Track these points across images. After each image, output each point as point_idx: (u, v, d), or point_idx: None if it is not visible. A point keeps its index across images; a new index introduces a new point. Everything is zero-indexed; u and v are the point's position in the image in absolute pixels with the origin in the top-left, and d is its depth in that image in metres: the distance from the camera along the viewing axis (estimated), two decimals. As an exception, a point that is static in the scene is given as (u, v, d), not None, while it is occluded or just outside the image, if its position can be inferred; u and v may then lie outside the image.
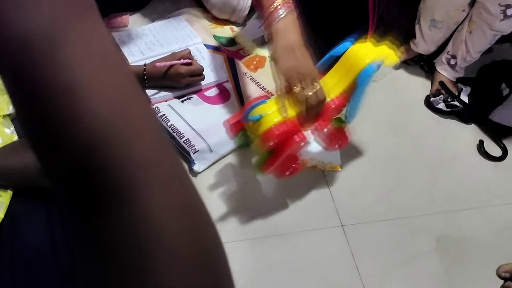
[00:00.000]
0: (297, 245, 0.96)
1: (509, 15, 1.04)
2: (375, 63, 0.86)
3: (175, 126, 1.08)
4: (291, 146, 0.85)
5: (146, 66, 1.09)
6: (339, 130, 0.95)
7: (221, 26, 1.38)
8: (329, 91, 0.88)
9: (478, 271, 0.93)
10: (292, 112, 0.86)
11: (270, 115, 0.85)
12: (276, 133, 0.83)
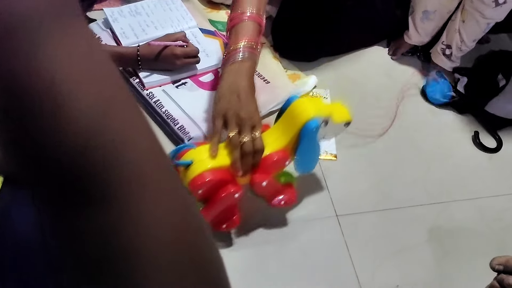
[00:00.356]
0: (291, 235, 0.96)
1: (501, 3, 1.04)
2: (320, 118, 0.81)
3: (170, 112, 1.06)
4: (224, 197, 0.79)
5: (140, 47, 1.06)
6: (285, 186, 0.91)
7: (216, 11, 1.36)
8: (272, 143, 0.83)
9: (470, 262, 0.94)
10: (227, 160, 0.80)
11: (203, 161, 0.78)
12: (206, 180, 0.77)
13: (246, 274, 0.90)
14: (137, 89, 1.11)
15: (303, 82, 1.20)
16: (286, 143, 0.83)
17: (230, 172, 0.81)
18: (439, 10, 1.17)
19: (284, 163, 0.85)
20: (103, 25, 1.21)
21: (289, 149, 0.85)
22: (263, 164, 0.83)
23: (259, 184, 0.84)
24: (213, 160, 0.79)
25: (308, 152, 0.87)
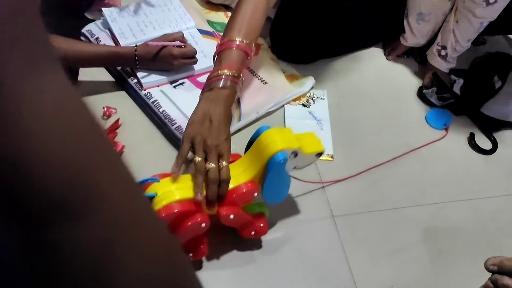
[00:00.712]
0: (287, 236, 0.96)
1: (492, 2, 1.05)
2: (288, 150, 0.80)
3: (167, 112, 1.07)
4: (190, 227, 0.78)
5: (138, 47, 1.07)
6: (256, 216, 0.89)
7: (215, 11, 1.36)
8: (240, 175, 0.82)
9: (465, 262, 0.95)
10: (190, 193, 0.79)
11: (167, 193, 0.78)
12: (170, 212, 0.76)
13: (242, 273, 0.91)
14: (135, 89, 1.11)
15: (300, 83, 1.21)
16: (254, 175, 0.82)
17: (196, 204, 0.79)
18: (434, 12, 1.18)
19: (252, 195, 0.83)
20: (102, 25, 1.21)
21: (257, 181, 0.83)
22: (230, 196, 0.81)
23: (227, 217, 0.82)
24: (178, 193, 0.78)
25: (276, 184, 0.85)
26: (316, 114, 1.17)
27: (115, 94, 1.14)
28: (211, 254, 0.91)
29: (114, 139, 1.05)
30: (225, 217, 0.82)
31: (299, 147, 0.83)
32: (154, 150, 1.06)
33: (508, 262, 0.66)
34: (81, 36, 1.20)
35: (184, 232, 0.79)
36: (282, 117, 1.16)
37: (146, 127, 1.10)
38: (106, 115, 1.09)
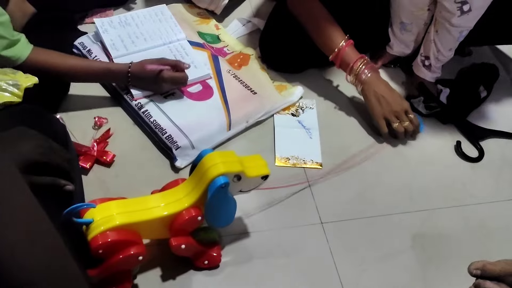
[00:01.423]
0: (276, 242, 0.97)
1: (466, 10, 1.06)
2: (230, 174, 0.80)
3: (158, 122, 1.08)
4: (125, 259, 0.76)
5: (132, 66, 1.08)
6: (208, 245, 0.88)
7: (206, 23, 1.38)
8: (182, 200, 0.81)
9: (453, 268, 0.95)
10: (132, 218, 0.77)
11: (106, 218, 0.75)
12: (107, 240, 0.73)
13: (229, 277, 0.91)
14: (126, 99, 1.13)
15: (289, 92, 1.22)
16: (196, 199, 0.80)
17: (134, 232, 0.77)
18: (414, 21, 1.20)
19: (197, 220, 0.81)
20: (94, 38, 1.23)
21: (200, 205, 0.81)
22: (176, 224, 0.80)
23: (178, 246, 0.82)
24: (116, 219, 0.75)
25: (220, 208, 0.84)
26: (305, 123, 1.18)
27: (106, 104, 1.16)
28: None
29: (105, 148, 1.05)
30: (176, 247, 0.81)
31: (242, 171, 0.81)
32: (145, 159, 1.07)
33: (491, 266, 0.67)
34: (73, 48, 1.22)
35: (120, 262, 0.76)
36: (272, 126, 1.17)
37: (137, 137, 1.11)
38: (97, 125, 1.10)
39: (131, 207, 0.79)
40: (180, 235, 0.82)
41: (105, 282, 0.79)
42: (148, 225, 0.79)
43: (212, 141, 1.09)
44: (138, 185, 1.01)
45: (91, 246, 0.74)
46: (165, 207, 0.80)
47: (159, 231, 0.82)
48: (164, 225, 0.81)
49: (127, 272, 0.82)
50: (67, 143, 0.85)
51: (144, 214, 0.79)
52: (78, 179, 0.87)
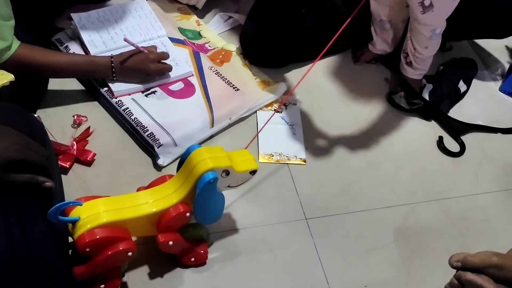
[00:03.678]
0: (261, 239, 0.97)
1: (427, 5, 1.05)
2: (218, 169, 0.79)
3: (139, 120, 1.06)
4: (114, 255, 0.75)
5: (114, 58, 1.06)
6: (195, 242, 0.88)
7: (186, 19, 1.37)
8: (171, 196, 0.80)
9: (435, 261, 0.97)
10: (119, 215, 0.76)
11: (93, 216, 0.74)
12: (94, 238, 0.72)
13: (216, 274, 0.90)
14: (106, 97, 1.10)
15: (272, 89, 1.22)
16: (185, 195, 0.79)
17: (122, 229, 0.76)
18: (393, 19, 1.21)
19: (185, 216, 0.81)
20: (71, 34, 1.20)
21: (188, 201, 0.81)
22: (164, 220, 0.79)
23: (166, 243, 0.81)
24: (105, 215, 0.74)
25: (208, 204, 0.83)
26: (288, 119, 1.18)
27: (86, 102, 1.13)
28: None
29: (85, 147, 1.03)
30: (164, 244, 0.81)
31: (230, 166, 0.81)
32: (127, 158, 1.05)
33: (471, 258, 0.67)
34: (50, 45, 1.19)
35: (108, 259, 0.75)
36: (255, 122, 1.17)
37: (118, 135, 1.09)
38: (76, 123, 1.08)
39: (118, 204, 0.78)
40: (167, 231, 0.81)
41: (94, 279, 0.79)
42: (136, 222, 0.78)
43: (195, 139, 1.08)
44: (120, 184, 1.00)
45: (78, 244, 0.73)
46: (153, 204, 0.79)
47: (147, 228, 0.81)
48: (151, 222, 0.80)
49: (115, 269, 0.81)
50: (45, 142, 0.83)
51: (132, 211, 0.78)
52: (58, 178, 0.85)
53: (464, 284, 0.67)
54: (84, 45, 1.16)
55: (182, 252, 0.88)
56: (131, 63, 1.07)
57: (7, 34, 0.91)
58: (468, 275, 0.66)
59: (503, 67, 1.45)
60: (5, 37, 0.90)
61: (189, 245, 0.86)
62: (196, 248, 0.88)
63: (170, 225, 0.81)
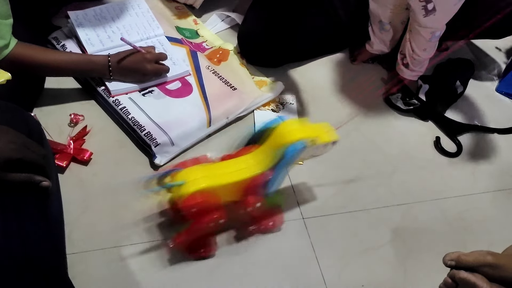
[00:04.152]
0: (258, 238, 0.96)
1: (430, 9, 1.06)
2: (305, 140, 0.85)
3: (136, 119, 1.06)
4: (209, 221, 0.84)
5: (111, 57, 1.06)
6: (272, 208, 0.95)
7: (184, 18, 1.36)
8: (259, 164, 0.87)
9: (432, 261, 0.96)
10: (219, 180, 0.85)
11: (195, 180, 0.83)
12: (197, 201, 0.81)
13: (214, 273, 0.90)
14: (103, 96, 1.10)
15: (269, 88, 1.22)
16: (271, 163, 0.86)
17: (217, 197, 0.84)
18: (393, 21, 1.21)
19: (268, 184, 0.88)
20: (68, 32, 1.20)
21: (274, 169, 0.87)
22: (252, 186, 0.86)
23: (253, 206, 0.88)
24: (205, 181, 0.83)
25: (282, 172, 0.88)
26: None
27: (83, 101, 1.13)
28: (182, 256, 0.91)
29: (81, 146, 1.03)
30: (251, 207, 0.88)
31: (317, 136, 0.87)
32: (123, 157, 1.05)
33: (465, 257, 0.68)
34: (47, 43, 1.18)
35: (203, 224, 0.84)
36: (252, 122, 1.16)
37: (115, 134, 1.09)
38: (73, 122, 1.07)
39: (215, 171, 0.87)
40: (253, 196, 0.88)
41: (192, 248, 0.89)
42: (228, 188, 0.86)
43: (192, 138, 1.08)
44: (117, 184, 1.00)
45: (184, 205, 0.81)
46: (243, 171, 0.87)
47: (235, 193, 0.88)
48: (239, 187, 0.87)
49: (209, 236, 0.91)
50: (42, 141, 0.82)
51: (227, 177, 0.86)
52: (55, 177, 0.85)
53: (458, 282, 0.67)
54: (81, 44, 1.16)
55: (262, 216, 0.94)
56: (128, 62, 1.07)
57: (5, 32, 0.90)
58: (462, 273, 0.66)
59: (500, 68, 1.46)
60: (3, 35, 0.90)
61: (269, 210, 0.94)
62: (274, 213, 0.96)
63: (257, 190, 0.88)
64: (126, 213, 0.96)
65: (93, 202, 0.96)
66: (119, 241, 0.92)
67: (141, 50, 1.08)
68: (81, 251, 0.89)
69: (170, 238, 0.88)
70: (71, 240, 0.89)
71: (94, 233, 0.92)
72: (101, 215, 0.95)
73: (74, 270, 0.84)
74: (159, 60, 1.11)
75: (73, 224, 0.92)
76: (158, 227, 0.94)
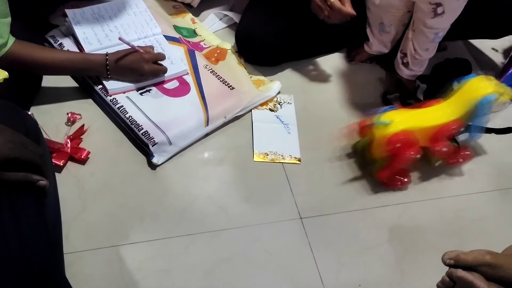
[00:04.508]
0: (256, 238, 0.97)
1: (439, 13, 1.08)
2: (495, 94, 1.02)
3: (133, 118, 1.06)
4: (409, 156, 1.00)
5: (109, 56, 1.06)
6: (459, 148, 1.12)
7: (182, 17, 1.36)
8: (449, 114, 1.04)
9: (429, 260, 0.97)
10: (419, 123, 1.02)
11: (398, 122, 1.00)
12: (399, 138, 0.99)
13: (212, 272, 0.90)
14: (101, 95, 1.10)
15: (267, 87, 1.22)
16: (463, 113, 1.03)
17: (415, 137, 1.01)
18: (394, 23, 1.21)
19: (458, 131, 1.06)
20: (65, 31, 1.19)
21: (463, 119, 1.04)
22: (442, 131, 1.03)
23: (440, 149, 1.05)
24: (409, 122, 1.01)
25: (480, 122, 1.06)
26: (283, 119, 1.18)
27: (80, 100, 1.13)
28: (186, 255, 0.91)
29: (79, 145, 1.03)
30: (439, 150, 1.05)
31: (503, 92, 1.03)
32: (121, 156, 1.05)
33: (464, 256, 0.68)
34: (44, 42, 1.18)
35: (403, 158, 1.01)
36: (250, 121, 1.16)
37: (113, 133, 1.09)
38: (70, 121, 1.07)
39: (416, 115, 1.05)
40: (441, 141, 1.05)
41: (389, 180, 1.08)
42: (426, 131, 1.03)
43: (190, 137, 1.08)
44: (114, 183, 1.00)
45: (391, 140, 0.99)
46: (440, 117, 1.04)
47: (429, 136, 1.04)
48: (434, 131, 1.04)
49: (406, 170, 1.08)
50: (39, 140, 0.82)
51: (426, 121, 1.04)
52: (52, 176, 0.84)
53: (456, 281, 0.67)
54: (78, 42, 1.15)
55: (450, 156, 1.10)
56: (125, 62, 1.07)
57: (3, 31, 0.90)
58: (459, 272, 0.66)
59: (497, 68, 1.46)
60: (1, 34, 0.90)
61: (456, 149, 1.10)
62: (461, 150, 1.12)
63: (446, 135, 1.05)
64: (123, 212, 0.96)
65: (90, 201, 0.96)
66: (117, 241, 0.92)
67: (139, 50, 1.08)
68: (78, 251, 0.89)
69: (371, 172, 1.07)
70: (69, 240, 0.89)
71: (92, 233, 0.92)
72: (98, 214, 0.95)
73: (72, 269, 0.84)
74: (157, 60, 1.11)
75: (71, 223, 0.92)
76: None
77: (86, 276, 0.87)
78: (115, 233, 0.93)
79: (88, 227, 0.93)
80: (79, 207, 0.95)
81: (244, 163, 1.09)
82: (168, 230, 0.94)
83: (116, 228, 0.93)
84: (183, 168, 1.05)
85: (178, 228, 0.95)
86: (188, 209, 0.98)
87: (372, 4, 1.19)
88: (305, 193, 1.05)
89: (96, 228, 0.93)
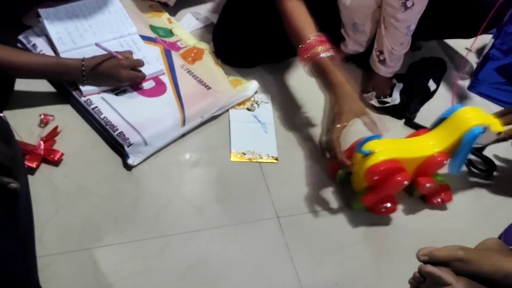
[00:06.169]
0: (232, 238, 0.96)
1: (409, 6, 1.10)
2: (482, 126, 0.97)
3: (108, 118, 1.04)
4: (393, 184, 0.96)
5: (85, 61, 1.04)
6: (442, 186, 1.08)
7: (158, 16, 1.35)
8: (433, 145, 1.00)
9: (404, 258, 0.97)
10: (402, 154, 0.98)
11: (381, 152, 0.96)
12: (382, 168, 0.94)
13: (188, 274, 0.90)
14: (75, 96, 1.08)
15: (244, 87, 1.22)
16: (448, 146, 0.99)
17: (400, 165, 0.96)
18: (367, 21, 1.22)
19: (443, 164, 1.01)
20: (39, 31, 1.17)
21: (448, 151, 1.00)
22: (427, 164, 0.99)
23: (423, 185, 1.02)
24: (392, 152, 0.96)
25: (463, 155, 1.01)
26: (260, 118, 1.18)
27: (53, 100, 1.11)
28: (161, 257, 0.90)
29: (52, 147, 1.01)
30: (422, 186, 1.02)
31: (490, 124, 0.98)
32: (96, 157, 1.04)
33: (437, 252, 0.69)
34: (18, 43, 1.16)
35: (390, 185, 0.97)
36: (227, 121, 1.16)
37: (88, 134, 1.07)
38: (43, 123, 1.05)
39: (400, 145, 1.01)
40: (425, 175, 1.01)
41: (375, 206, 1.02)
42: (409, 161, 0.98)
43: (166, 137, 1.07)
44: (89, 185, 0.98)
45: (370, 171, 0.95)
46: (424, 149, 1.00)
47: (409, 169, 0.98)
48: (415, 164, 1.00)
49: (393, 196, 1.03)
50: (10, 142, 0.81)
51: (410, 152, 0.99)
52: (24, 178, 0.83)
53: (425, 276, 0.68)
54: (52, 43, 1.14)
55: (431, 194, 1.07)
56: (102, 68, 1.05)
57: None
58: (428, 267, 0.68)
59: (471, 67, 1.48)
60: None
61: (438, 188, 1.06)
62: (442, 191, 1.07)
63: (430, 169, 1.01)
64: (98, 214, 0.95)
65: (64, 203, 0.95)
66: (91, 243, 0.90)
67: (117, 55, 1.06)
68: (52, 254, 0.88)
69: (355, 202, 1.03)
70: (42, 243, 0.88)
71: (66, 235, 0.91)
72: (72, 216, 0.93)
73: (45, 273, 0.83)
74: (136, 67, 1.09)
75: (44, 226, 0.90)
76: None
77: (60, 279, 0.85)
78: (89, 235, 0.91)
79: (61, 229, 0.91)
80: (53, 210, 0.93)
81: (221, 163, 1.08)
82: (143, 231, 0.94)
83: (90, 231, 0.92)
84: (159, 169, 1.04)
85: (154, 230, 0.94)
86: (164, 210, 0.98)
87: (343, 6, 1.19)
88: (282, 193, 1.06)
89: (70, 231, 0.91)
